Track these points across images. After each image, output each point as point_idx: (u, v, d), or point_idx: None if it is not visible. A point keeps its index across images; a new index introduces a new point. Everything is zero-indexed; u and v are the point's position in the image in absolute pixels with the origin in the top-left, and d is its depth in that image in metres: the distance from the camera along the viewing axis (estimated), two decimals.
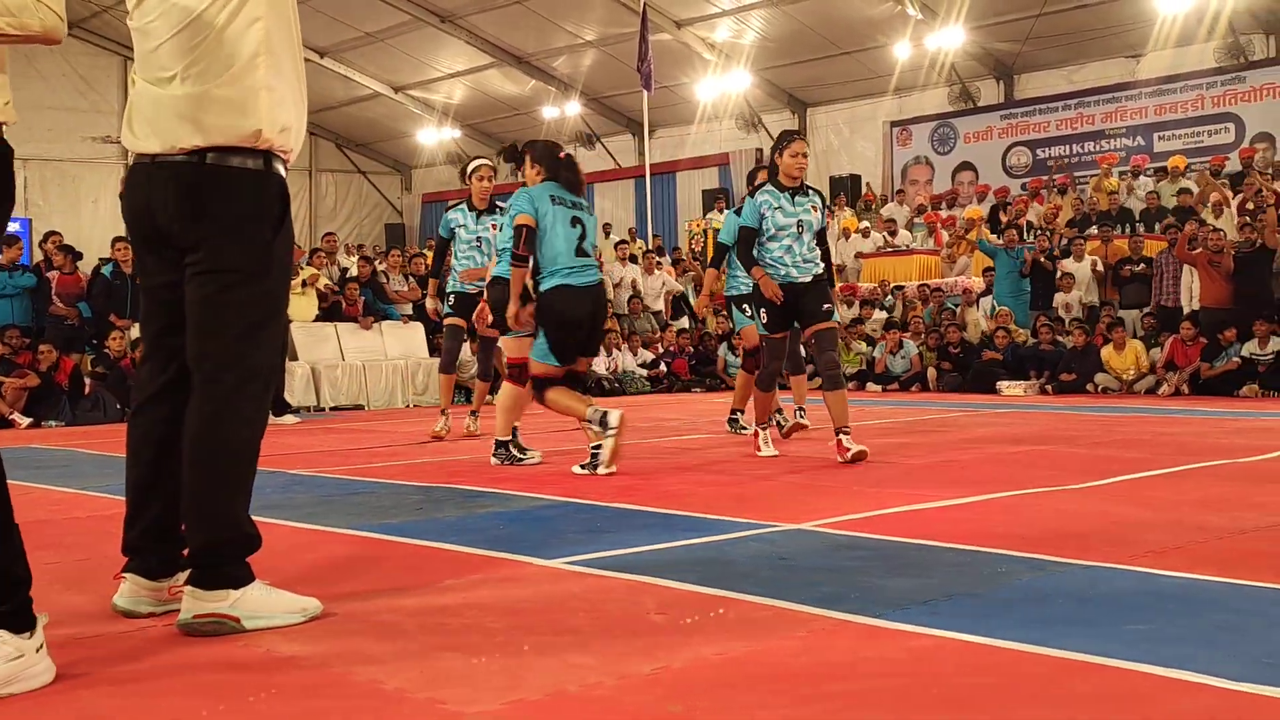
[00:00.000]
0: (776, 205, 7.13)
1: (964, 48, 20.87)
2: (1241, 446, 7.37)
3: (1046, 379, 14.19)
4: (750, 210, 7.20)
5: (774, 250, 7.13)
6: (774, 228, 7.11)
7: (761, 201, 7.15)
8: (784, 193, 7.15)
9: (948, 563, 3.91)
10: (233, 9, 3.17)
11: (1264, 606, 3.24)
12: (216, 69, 3.16)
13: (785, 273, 7.13)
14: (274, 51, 3.25)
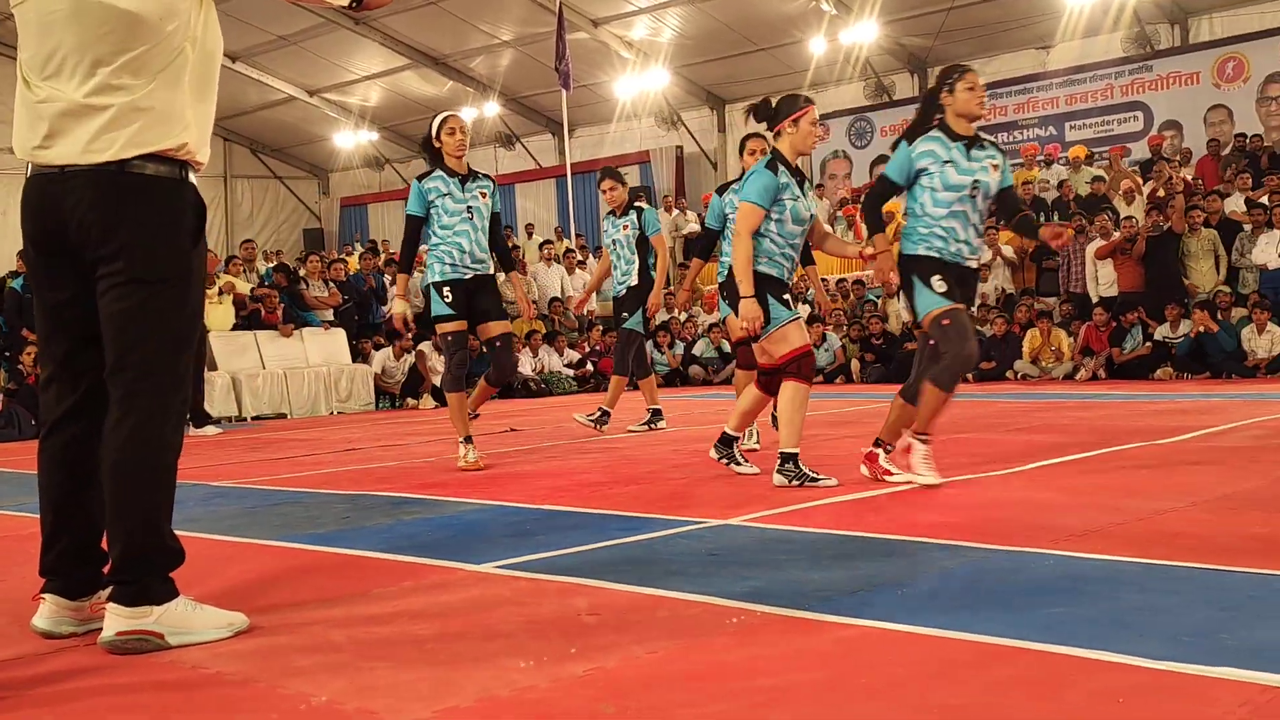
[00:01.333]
0: (946, 158, 5.40)
1: (878, 42, 21.10)
2: (1157, 429, 7.53)
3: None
4: (902, 160, 5.46)
5: (939, 217, 5.43)
6: (942, 186, 5.40)
7: (923, 152, 5.41)
8: (956, 142, 5.43)
9: (874, 552, 3.96)
10: (181, 18, 3.13)
11: (1179, 586, 3.32)
12: (146, 77, 3.10)
13: (956, 250, 5.44)
14: (203, 62, 3.22)
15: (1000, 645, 2.78)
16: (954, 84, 5.44)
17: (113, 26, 3.08)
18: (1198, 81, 18.95)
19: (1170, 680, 2.48)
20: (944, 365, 5.39)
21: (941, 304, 5.38)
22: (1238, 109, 18.52)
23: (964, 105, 5.42)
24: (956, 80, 5.45)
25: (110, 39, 3.08)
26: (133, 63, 3.10)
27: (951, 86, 5.44)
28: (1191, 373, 12.76)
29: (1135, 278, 13.83)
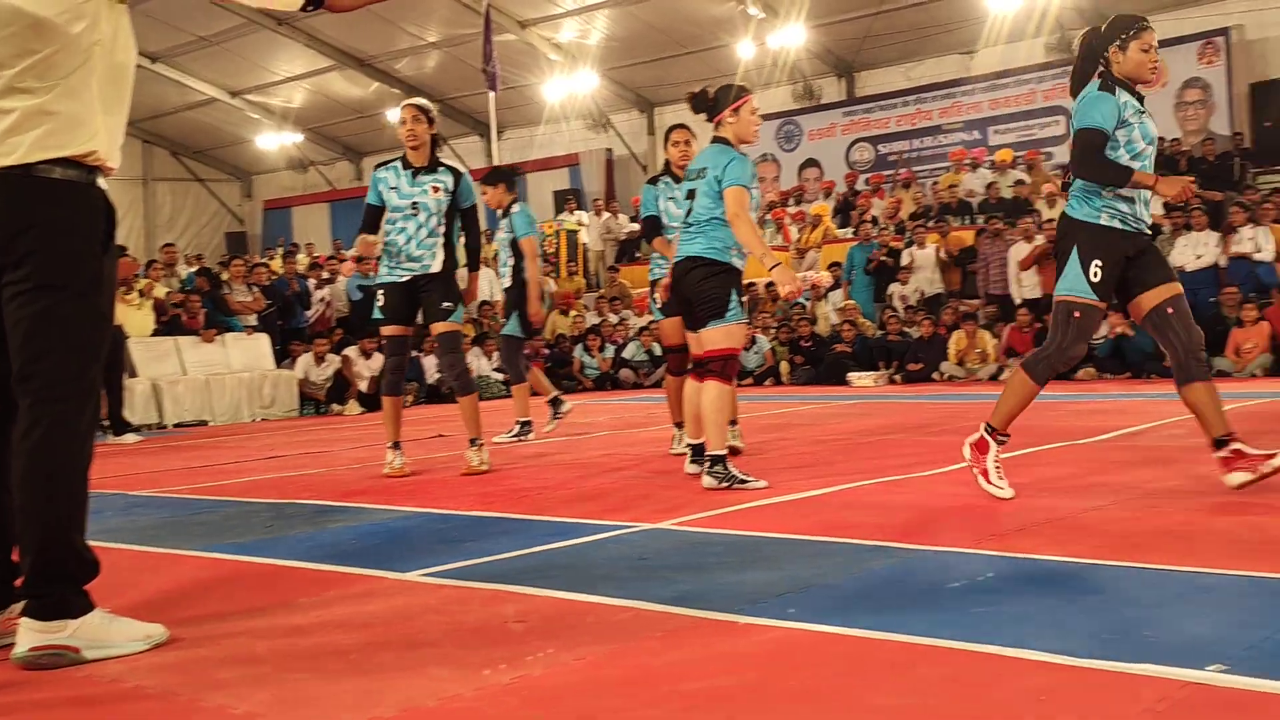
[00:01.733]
0: (1141, 110, 4.84)
1: (805, 46, 21.27)
2: (1081, 428, 7.65)
3: (895, 369, 14.53)
4: (1110, 108, 4.75)
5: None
6: (1143, 142, 4.80)
7: (1125, 102, 4.78)
8: (1134, 97, 4.85)
9: (803, 554, 3.96)
10: (88, 21, 3.05)
11: (1101, 584, 3.36)
12: (52, 80, 3.03)
13: (1137, 213, 4.84)
14: (113, 73, 3.15)
15: (928, 645, 2.79)
16: (1128, 40, 4.84)
17: (16, 29, 3.00)
18: None
19: (1093, 677, 2.51)
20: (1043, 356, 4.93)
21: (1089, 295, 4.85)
22: (1157, 113, 18.71)
23: (1137, 67, 4.84)
24: (1133, 36, 4.84)
25: (13, 41, 3.01)
26: (38, 65, 3.02)
27: (1123, 42, 4.84)
28: (1113, 373, 12.99)
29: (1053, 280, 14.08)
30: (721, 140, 5.84)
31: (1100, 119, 4.73)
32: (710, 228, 5.71)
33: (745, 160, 5.69)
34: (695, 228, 5.77)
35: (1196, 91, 18.54)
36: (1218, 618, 2.92)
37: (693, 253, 5.74)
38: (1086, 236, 4.83)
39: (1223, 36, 18.23)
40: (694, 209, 5.78)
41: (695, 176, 5.87)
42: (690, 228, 5.81)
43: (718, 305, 5.63)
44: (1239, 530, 4.01)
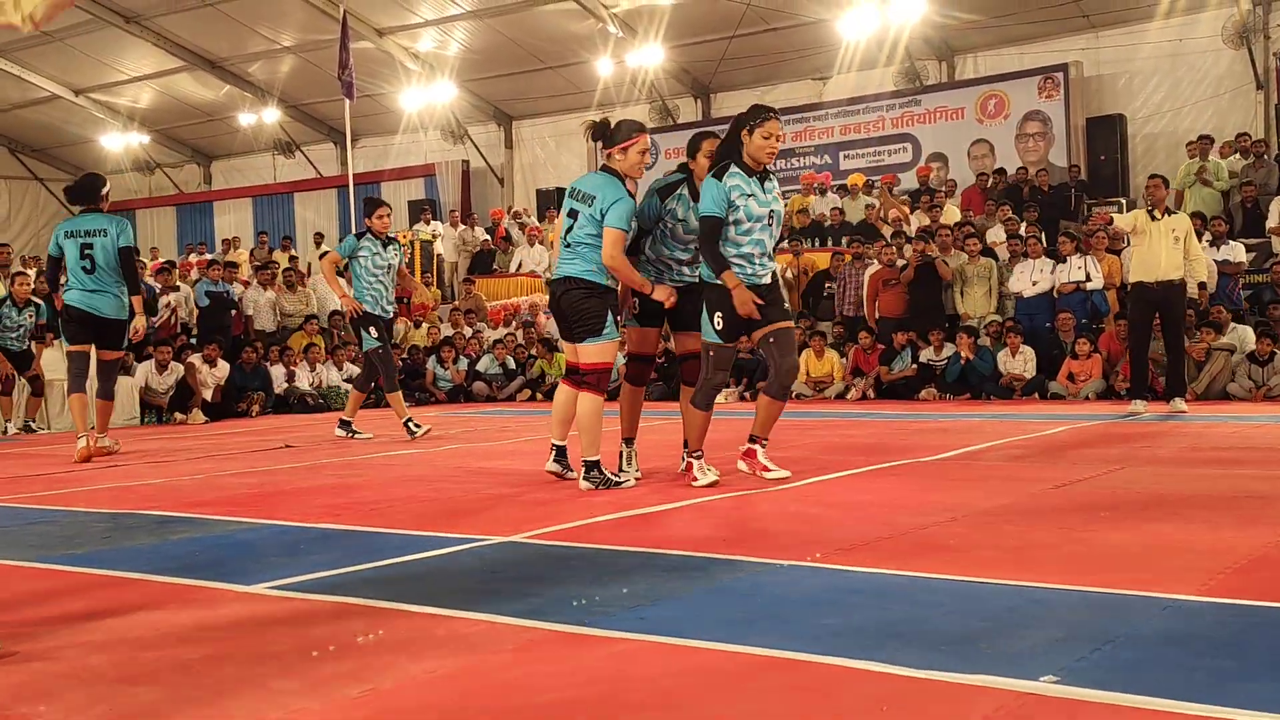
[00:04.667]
0: (749, 192, 5.93)
1: (663, 66, 21.49)
2: (922, 446, 7.87)
3: (745, 386, 14.75)
4: (718, 194, 5.89)
5: (744, 246, 5.97)
6: (747, 219, 5.93)
7: (732, 186, 5.90)
8: (753, 177, 5.99)
9: (654, 567, 4.00)
10: None
11: (942, 597, 3.47)
12: None
13: (752, 272, 6.01)
14: None
15: (774, 657, 2.85)
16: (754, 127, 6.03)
17: None
18: (962, 116, 19.99)
19: (932, 687, 2.59)
20: None
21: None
22: (999, 144, 19.60)
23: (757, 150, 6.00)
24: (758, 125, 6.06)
25: None
26: None
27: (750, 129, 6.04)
28: (954, 394, 13.40)
29: (902, 303, 14.43)
30: (612, 171, 6.15)
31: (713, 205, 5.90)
32: (589, 250, 6.02)
33: (629, 202, 6.03)
34: (574, 249, 6.08)
35: (1036, 124, 19.30)
36: (1050, 630, 3.05)
37: (572, 274, 6.08)
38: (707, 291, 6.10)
39: (1061, 72, 19.03)
40: (574, 230, 6.08)
41: (579, 198, 6.10)
42: (569, 248, 6.11)
43: (595, 324, 6.04)
44: (1070, 545, 4.18)
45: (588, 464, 6.07)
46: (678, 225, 6.28)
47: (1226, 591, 3.39)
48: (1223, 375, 11.77)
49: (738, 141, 6.02)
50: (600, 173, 6.20)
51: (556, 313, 6.31)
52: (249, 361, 15.06)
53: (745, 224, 5.92)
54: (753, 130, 5.96)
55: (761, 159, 5.96)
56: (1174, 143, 18.10)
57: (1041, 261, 14.15)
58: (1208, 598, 3.32)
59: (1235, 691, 2.49)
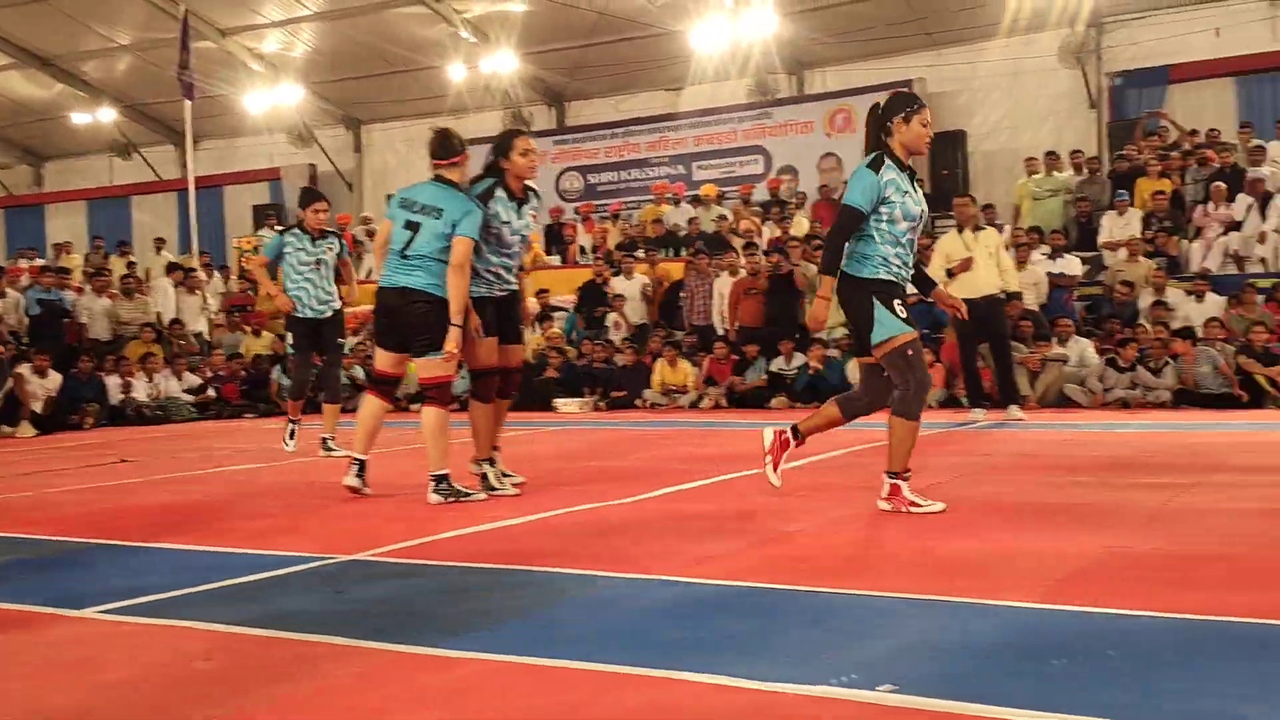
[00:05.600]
0: (905, 189, 5.27)
1: (517, 73, 21.40)
2: None
3: (600, 395, 14.76)
4: (869, 187, 5.21)
5: (892, 247, 5.30)
6: (903, 217, 5.25)
7: (888, 181, 5.22)
8: (904, 172, 5.31)
9: (504, 584, 3.96)
10: None
11: (789, 608, 3.51)
12: None
13: (900, 274, 5.39)
14: None
15: (622, 673, 2.84)
16: (910, 115, 5.29)
17: None
18: (812, 130, 20.35)
19: (775, 700, 2.62)
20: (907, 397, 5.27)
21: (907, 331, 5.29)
22: (847, 157, 20.01)
23: (915, 139, 5.31)
24: (916, 112, 5.32)
25: None
26: None
27: (907, 116, 5.30)
28: (804, 402, 13.61)
29: (758, 313, 14.61)
30: (449, 183, 6.13)
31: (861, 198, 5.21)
32: (434, 264, 5.97)
33: (480, 213, 6.01)
34: (417, 260, 6.00)
35: None
36: (891, 639, 3.11)
37: (415, 286, 6.00)
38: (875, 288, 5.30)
39: (907, 88, 19.53)
40: (416, 242, 5.99)
41: (419, 210, 6.03)
42: (409, 260, 6.01)
43: (440, 337, 5.93)
44: (912, 554, 4.27)
45: (436, 478, 5.99)
46: (503, 229, 6.20)
47: (1060, 598, 3.50)
48: (1056, 384, 12.20)
49: (884, 130, 5.35)
50: (435, 184, 6.13)
51: (390, 323, 6.16)
52: (83, 372, 14.49)
53: (901, 224, 5.26)
54: (909, 117, 5.28)
55: (920, 149, 5.36)
56: (1012, 158, 18.70)
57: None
58: (1042, 604, 3.43)
59: (1068, 697, 2.57)
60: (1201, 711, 2.46)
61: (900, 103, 5.38)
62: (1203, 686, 2.63)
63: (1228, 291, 12.85)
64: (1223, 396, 11.31)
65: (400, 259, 6.02)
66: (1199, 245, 14.37)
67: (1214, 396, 11.38)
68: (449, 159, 6.17)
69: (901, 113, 5.31)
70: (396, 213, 6.11)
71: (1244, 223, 14.27)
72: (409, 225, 6.02)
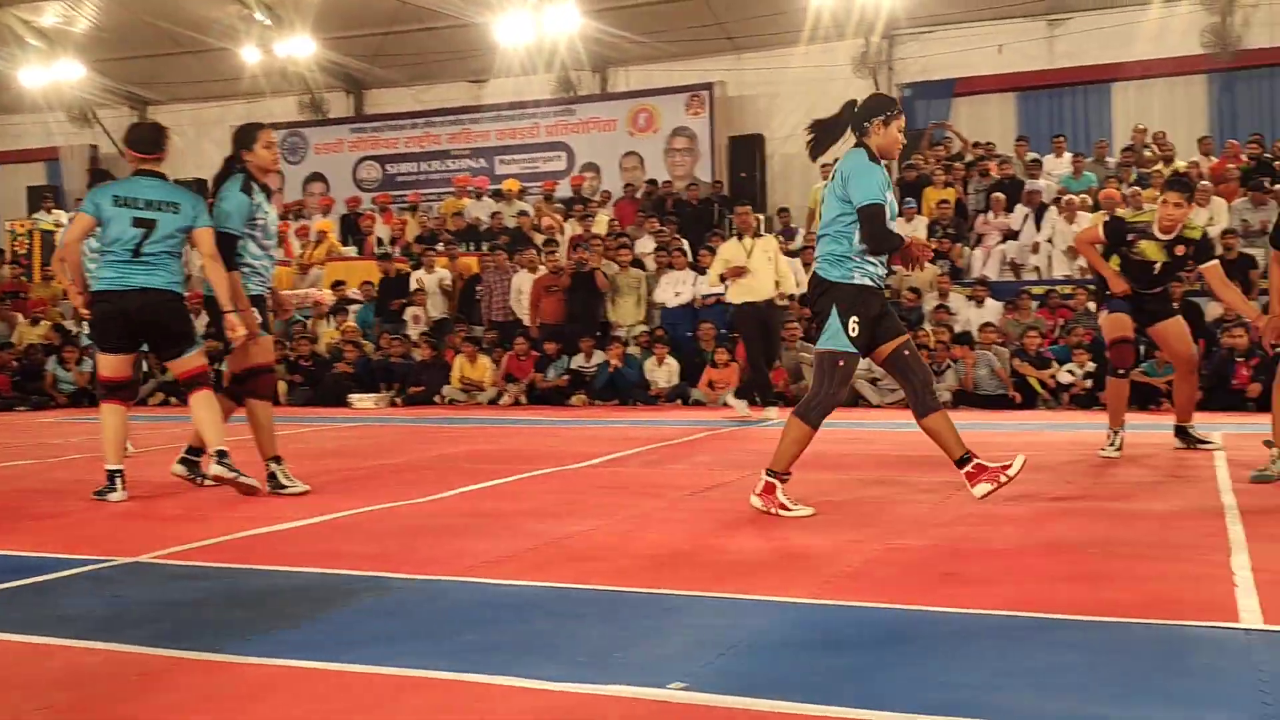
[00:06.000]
0: (889, 185, 5.31)
1: (314, 59, 20.90)
2: (571, 454, 8.01)
3: (396, 391, 14.56)
4: (882, 181, 5.21)
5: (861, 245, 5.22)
6: (889, 218, 5.23)
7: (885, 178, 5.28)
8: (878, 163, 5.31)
9: (293, 586, 3.89)
10: None
11: (582, 608, 3.55)
12: None
13: (877, 274, 5.32)
14: None
15: (414, 676, 2.83)
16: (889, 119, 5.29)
17: None
18: (615, 128, 20.53)
19: (566, 700, 2.65)
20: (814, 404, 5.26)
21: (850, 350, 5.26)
22: (649, 157, 20.27)
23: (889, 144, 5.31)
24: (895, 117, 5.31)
25: None
26: None
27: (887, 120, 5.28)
28: (603, 400, 13.74)
29: (559, 310, 14.66)
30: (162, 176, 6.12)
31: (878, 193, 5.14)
32: (172, 261, 6.01)
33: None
34: (153, 259, 5.94)
35: (684, 139, 20.08)
36: (681, 637, 3.18)
37: (156, 285, 5.95)
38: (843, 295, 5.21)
39: (707, 91, 19.89)
40: (152, 239, 5.92)
41: (147, 206, 5.95)
42: (145, 258, 5.93)
43: (193, 331, 6.18)
44: (703, 553, 4.37)
45: (219, 453, 5.96)
46: (267, 220, 6.25)
47: (840, 594, 3.64)
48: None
49: (859, 129, 5.35)
50: (155, 180, 6.05)
51: (126, 326, 5.99)
52: None
53: None
54: (889, 121, 5.30)
55: (893, 155, 5.44)
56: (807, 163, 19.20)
57: (685, 273, 14.73)
58: (824, 600, 3.56)
59: (847, 690, 2.68)
60: (966, 700, 2.60)
61: (881, 105, 5.40)
62: (969, 676, 2.78)
63: (1005, 297, 13.55)
64: (998, 398, 11.93)
65: (132, 257, 5.88)
66: (980, 252, 15.12)
67: (991, 398, 12.00)
68: (156, 154, 6.14)
69: (882, 115, 5.32)
70: (115, 211, 5.93)
71: (1020, 232, 15.08)
72: (139, 223, 5.88)
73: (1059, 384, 11.86)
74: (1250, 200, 14.00)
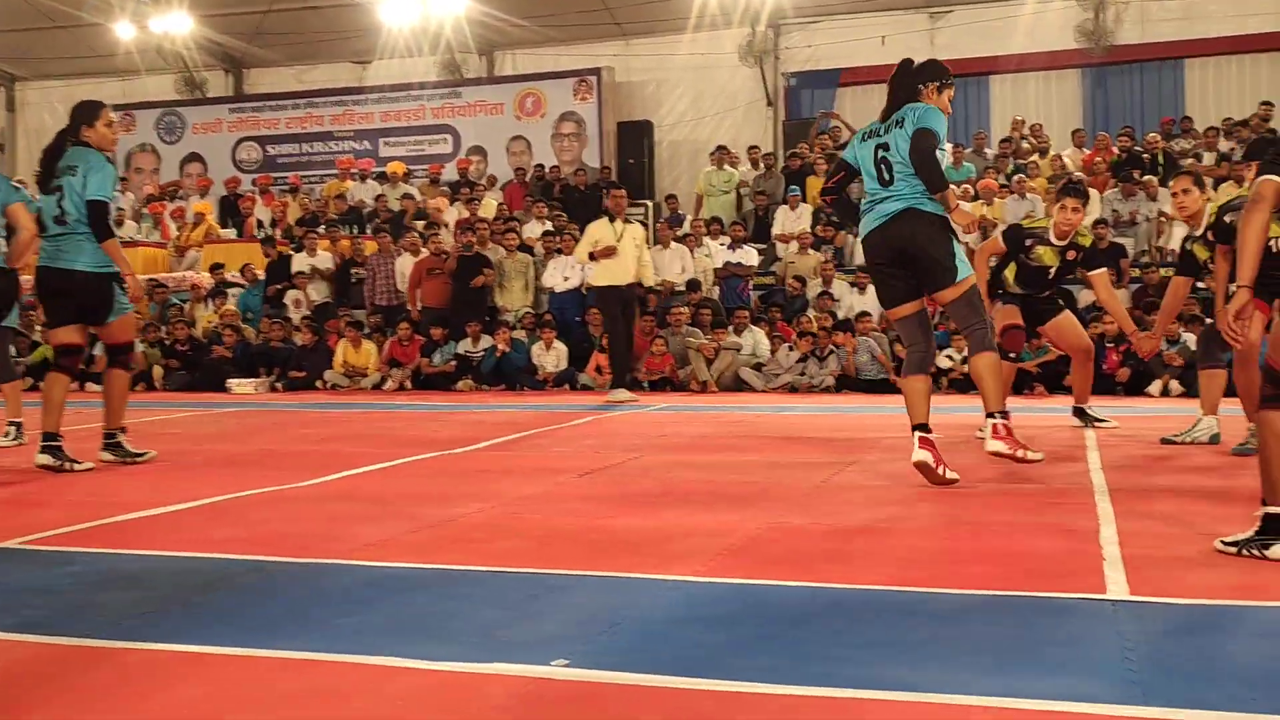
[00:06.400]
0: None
1: (192, 36, 20.39)
2: (455, 438, 7.94)
3: (277, 376, 14.29)
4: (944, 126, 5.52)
5: None
6: None
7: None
8: None
9: (168, 571, 3.79)
10: None
11: (465, 589, 3.53)
12: None
13: None
14: None
15: (293, 659, 2.78)
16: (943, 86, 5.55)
17: None
18: (502, 112, 20.38)
19: (450, 679, 2.63)
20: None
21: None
22: (536, 141, 20.17)
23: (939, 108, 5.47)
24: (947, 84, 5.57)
25: None
26: None
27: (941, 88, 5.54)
28: (490, 385, 13.65)
29: (444, 294, 14.49)
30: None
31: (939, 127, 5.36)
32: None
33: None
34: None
35: (572, 124, 20.03)
36: (566, 615, 3.17)
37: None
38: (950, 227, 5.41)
39: (595, 76, 19.86)
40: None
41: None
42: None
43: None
44: (589, 533, 4.37)
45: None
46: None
47: (723, 571, 3.68)
48: (731, 369, 12.75)
49: (912, 91, 5.55)
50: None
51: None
52: None
53: None
54: (942, 89, 5.58)
55: None
56: (695, 150, 19.37)
57: (573, 258, 14.69)
58: (707, 578, 3.59)
59: (729, 665, 2.70)
60: (845, 673, 2.64)
61: (936, 71, 5.59)
62: (848, 650, 2.82)
63: None
64: (880, 382, 12.13)
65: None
66: None
67: (872, 382, 12.20)
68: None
69: (936, 81, 5.54)
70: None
71: None
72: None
73: (938, 369, 12.10)
74: (1120, 191, 14.45)
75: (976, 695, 2.47)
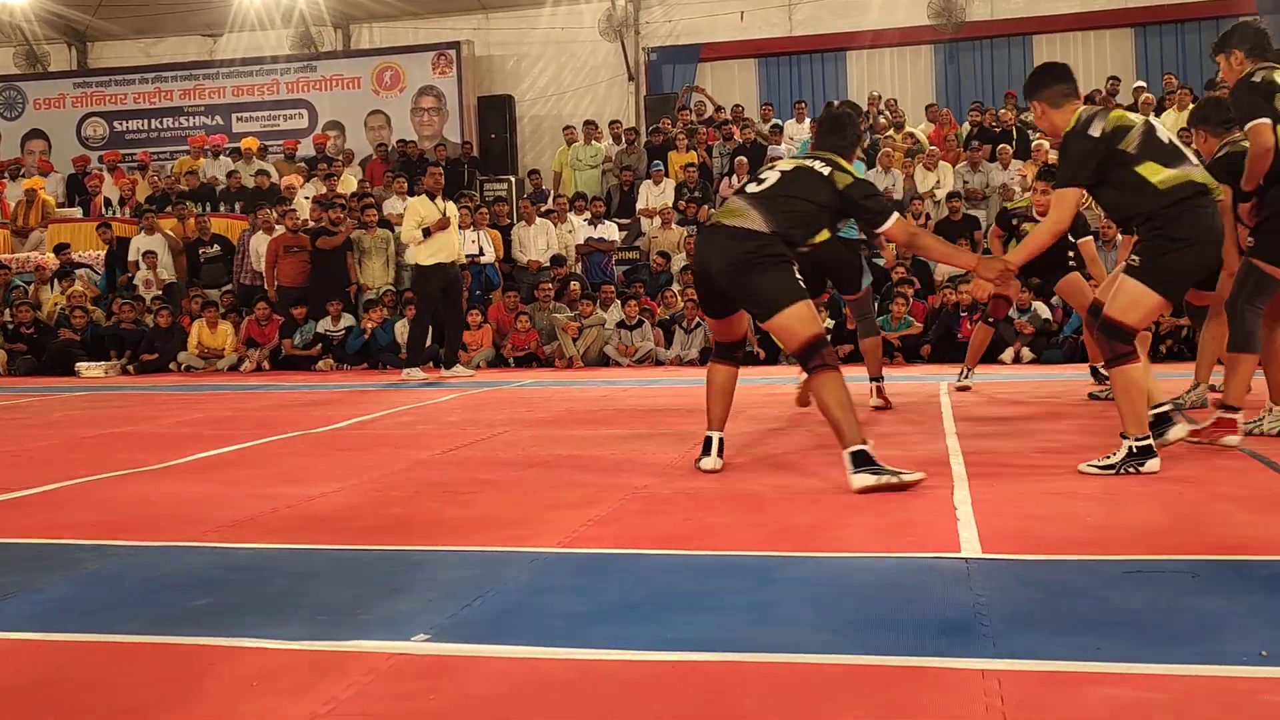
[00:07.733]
0: None
1: (30, 7, 19.55)
2: (315, 418, 7.79)
3: (129, 359, 13.84)
4: None
5: None
6: None
7: None
8: None
9: (12, 558, 3.64)
10: None
11: (324, 568, 3.47)
12: None
13: None
14: None
15: (138, 643, 2.70)
16: None
17: None
18: (359, 86, 19.98)
19: (304, 658, 2.58)
20: None
21: None
22: (395, 116, 19.84)
23: None
24: None
25: None
26: None
27: None
28: (352, 364, 13.42)
29: (303, 273, 14.14)
30: None
31: None
32: None
33: None
34: None
35: (431, 99, 19.74)
36: (427, 591, 3.13)
37: None
38: None
39: (454, 50, 19.60)
40: None
41: None
42: None
43: None
44: (453, 508, 4.33)
45: None
46: None
47: (586, 542, 3.67)
48: (597, 343, 12.76)
49: None
50: None
51: None
52: None
53: None
54: None
55: None
56: (557, 125, 19.27)
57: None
58: (570, 549, 3.58)
59: (588, 633, 2.70)
60: (702, 637, 2.66)
61: None
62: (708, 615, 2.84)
63: None
64: (745, 355, 12.25)
65: None
66: None
67: None
68: None
69: None
70: None
71: None
72: None
73: None
74: (969, 164, 14.81)
75: (838, 655, 2.52)
